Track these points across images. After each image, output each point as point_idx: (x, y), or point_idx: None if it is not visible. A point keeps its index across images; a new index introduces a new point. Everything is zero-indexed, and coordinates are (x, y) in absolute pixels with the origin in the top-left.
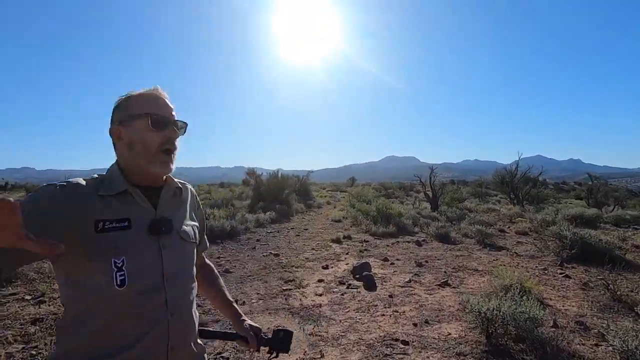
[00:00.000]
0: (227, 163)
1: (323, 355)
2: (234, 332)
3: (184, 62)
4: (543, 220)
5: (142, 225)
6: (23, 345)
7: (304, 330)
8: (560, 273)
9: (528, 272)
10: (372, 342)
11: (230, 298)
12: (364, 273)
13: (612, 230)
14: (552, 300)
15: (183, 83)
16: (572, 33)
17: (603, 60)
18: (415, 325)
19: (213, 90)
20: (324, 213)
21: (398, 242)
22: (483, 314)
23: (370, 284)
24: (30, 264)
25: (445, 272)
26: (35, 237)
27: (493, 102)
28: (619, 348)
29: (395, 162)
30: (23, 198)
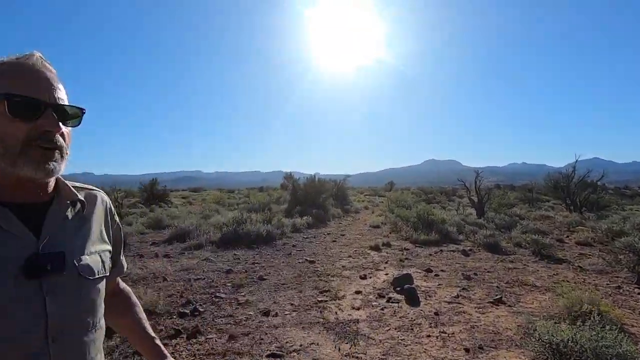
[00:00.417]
0: (266, 168)
1: None
2: None
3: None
4: (609, 230)
5: (10, 267)
6: None
7: (340, 350)
8: (639, 293)
9: (598, 290)
10: None
11: (152, 333)
12: (406, 286)
13: None
14: (634, 327)
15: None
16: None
17: None
18: (468, 351)
19: (254, 96)
20: (362, 218)
21: (442, 251)
22: (554, 345)
23: (413, 299)
24: None
25: (498, 287)
26: None
27: (542, 101)
28: None
29: (436, 165)
30: None
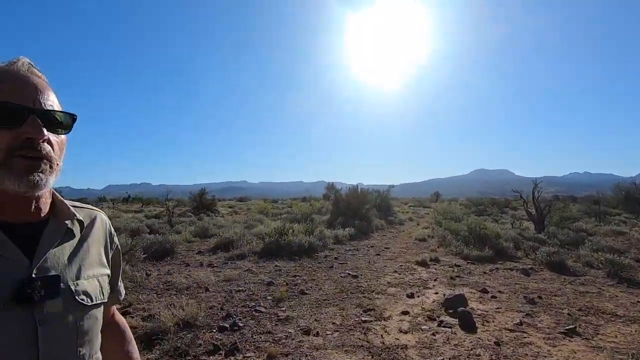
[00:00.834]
0: (309, 178)
1: None
2: None
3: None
4: None
5: (1, 290)
6: None
7: None
8: None
9: None
10: None
11: None
12: (460, 308)
13: None
14: None
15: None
16: None
17: None
18: None
19: (298, 106)
20: (407, 230)
21: (497, 269)
22: None
23: (469, 324)
24: (125, 272)
25: (570, 314)
26: None
27: (607, 106)
28: None
29: (485, 175)
30: None
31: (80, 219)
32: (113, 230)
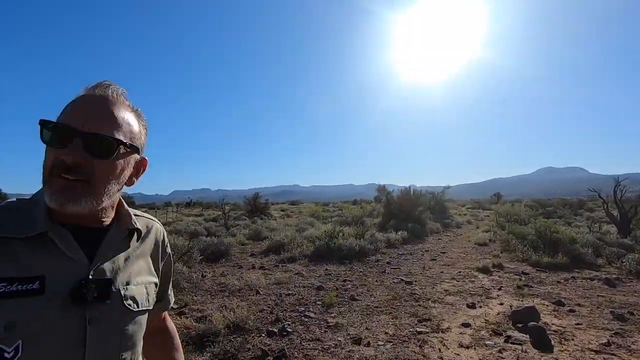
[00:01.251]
0: (360, 181)
1: None
2: None
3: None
4: None
5: (61, 289)
6: None
7: None
8: None
9: None
10: None
11: None
12: (531, 323)
13: None
14: None
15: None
16: None
17: None
18: None
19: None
20: (465, 234)
21: (574, 278)
22: None
23: (543, 341)
24: (182, 273)
25: None
26: None
27: None
28: None
29: (554, 174)
30: None
31: (139, 228)
32: (167, 240)
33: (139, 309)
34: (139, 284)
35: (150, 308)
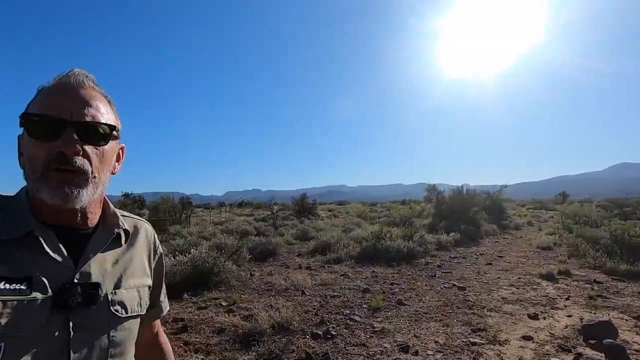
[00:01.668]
0: (408, 180)
1: None
2: None
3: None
4: None
5: (46, 292)
6: (203, 357)
7: None
8: None
9: None
10: None
11: None
12: (607, 340)
13: None
14: None
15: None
16: None
17: None
18: None
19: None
20: (525, 237)
21: None
22: None
23: None
24: (232, 272)
25: None
26: None
27: None
28: None
29: (630, 170)
30: None
31: (127, 229)
32: (157, 241)
33: (128, 315)
34: (131, 288)
35: (143, 313)
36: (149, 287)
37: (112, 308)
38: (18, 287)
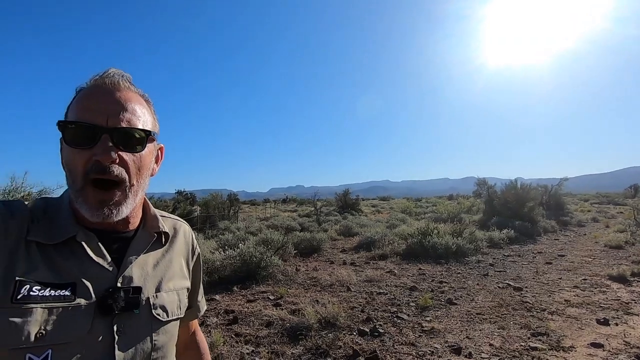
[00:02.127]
0: (455, 174)
1: None
2: None
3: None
4: None
5: (90, 298)
6: (253, 348)
7: None
8: None
9: None
10: None
11: None
12: None
13: None
14: None
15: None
16: None
17: None
18: None
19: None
20: (590, 234)
21: None
22: None
23: None
24: (278, 266)
25: None
26: None
27: None
28: None
29: None
30: None
31: (166, 231)
32: (195, 241)
33: (169, 319)
34: (170, 291)
35: (182, 316)
36: (188, 288)
37: (154, 312)
38: (63, 293)
